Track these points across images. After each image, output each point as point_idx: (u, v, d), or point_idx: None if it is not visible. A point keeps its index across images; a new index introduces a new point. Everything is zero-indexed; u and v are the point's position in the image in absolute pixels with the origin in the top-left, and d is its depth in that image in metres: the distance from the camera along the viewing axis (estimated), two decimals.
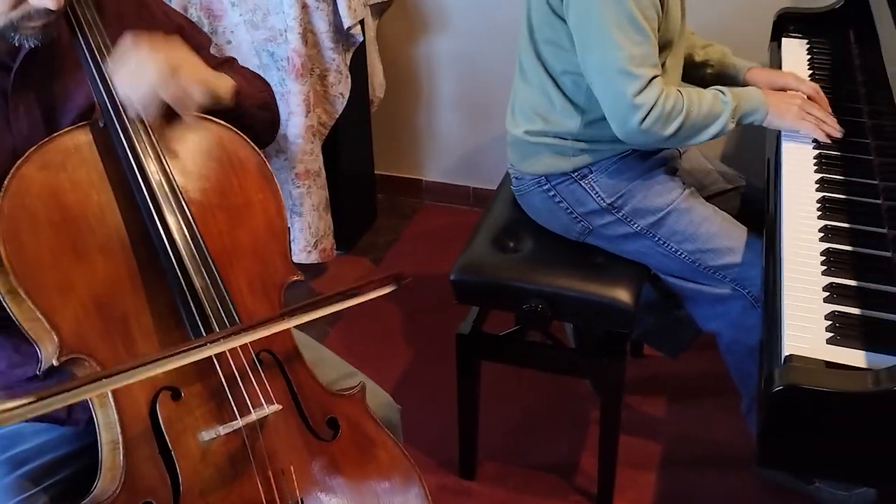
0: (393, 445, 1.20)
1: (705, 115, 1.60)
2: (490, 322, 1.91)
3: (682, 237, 1.70)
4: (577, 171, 1.72)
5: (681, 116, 1.57)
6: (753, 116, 1.65)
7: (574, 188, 1.73)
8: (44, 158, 1.05)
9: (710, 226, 1.70)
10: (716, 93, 1.62)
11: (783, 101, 1.67)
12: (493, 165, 2.68)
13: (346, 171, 2.71)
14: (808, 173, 1.56)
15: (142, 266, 1.07)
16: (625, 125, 1.58)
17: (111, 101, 1.08)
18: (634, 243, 1.74)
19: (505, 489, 1.96)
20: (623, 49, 1.53)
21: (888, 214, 1.38)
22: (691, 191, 1.75)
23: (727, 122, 1.61)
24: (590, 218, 1.74)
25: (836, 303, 1.22)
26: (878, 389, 1.03)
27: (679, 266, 1.72)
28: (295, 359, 1.16)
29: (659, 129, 1.57)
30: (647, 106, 1.55)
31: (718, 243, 1.68)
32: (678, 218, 1.70)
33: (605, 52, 1.55)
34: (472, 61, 2.76)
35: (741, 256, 1.67)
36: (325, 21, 2.33)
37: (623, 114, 1.57)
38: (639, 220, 1.71)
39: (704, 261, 1.69)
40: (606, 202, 1.72)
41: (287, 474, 1.09)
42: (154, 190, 1.07)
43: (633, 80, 1.54)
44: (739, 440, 2.00)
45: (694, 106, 1.58)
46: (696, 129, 1.60)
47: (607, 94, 1.58)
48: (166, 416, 1.05)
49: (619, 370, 1.76)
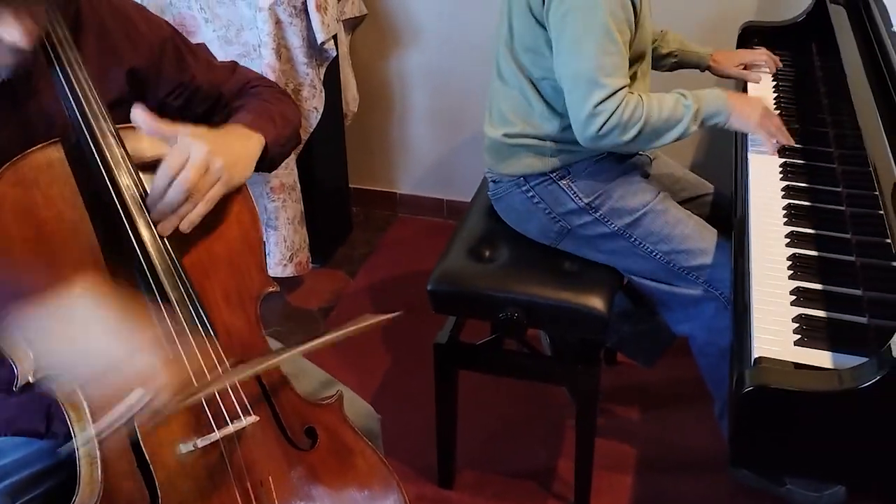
0: (371, 453, 1.21)
1: (665, 119, 1.63)
2: (466, 332, 1.93)
3: (658, 238, 1.73)
4: (556, 172, 1.75)
5: (639, 123, 1.60)
6: (716, 119, 1.68)
7: (552, 188, 1.76)
8: (16, 175, 1.05)
9: (684, 228, 1.73)
10: (678, 97, 1.66)
11: (746, 105, 1.70)
12: (466, 177, 2.70)
13: (321, 184, 2.72)
14: (773, 181, 1.60)
15: (116, 281, 1.07)
16: (584, 131, 1.62)
17: (83, 117, 1.08)
18: (611, 243, 1.76)
19: (483, 497, 1.97)
20: (595, 58, 1.57)
21: (852, 220, 1.42)
22: (665, 194, 1.78)
23: (689, 124, 1.64)
24: (568, 218, 1.77)
25: (802, 306, 1.25)
26: (844, 388, 1.06)
27: (653, 267, 1.75)
28: (272, 370, 1.17)
29: (617, 136, 1.61)
30: (605, 114, 1.58)
31: (692, 244, 1.72)
32: (654, 219, 1.73)
33: (578, 60, 1.59)
34: (444, 75, 2.78)
35: (712, 258, 1.71)
36: (299, 36, 2.34)
37: (583, 120, 1.61)
38: (616, 220, 1.74)
39: (678, 261, 1.72)
40: (584, 202, 1.74)
41: (265, 485, 1.10)
42: (127, 204, 1.07)
43: (599, 89, 1.58)
44: (713, 444, 2.03)
45: (654, 111, 1.62)
46: (658, 133, 1.64)
47: (573, 100, 1.62)
48: (144, 430, 1.04)
49: (593, 376, 1.78)
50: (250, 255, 1.19)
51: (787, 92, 1.93)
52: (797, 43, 2.12)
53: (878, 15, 1.63)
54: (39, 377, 0.97)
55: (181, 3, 2.31)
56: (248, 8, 2.28)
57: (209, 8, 2.30)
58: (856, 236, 1.37)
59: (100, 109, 1.08)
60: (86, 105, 1.08)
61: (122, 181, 1.08)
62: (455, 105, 2.80)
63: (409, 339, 2.42)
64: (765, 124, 1.68)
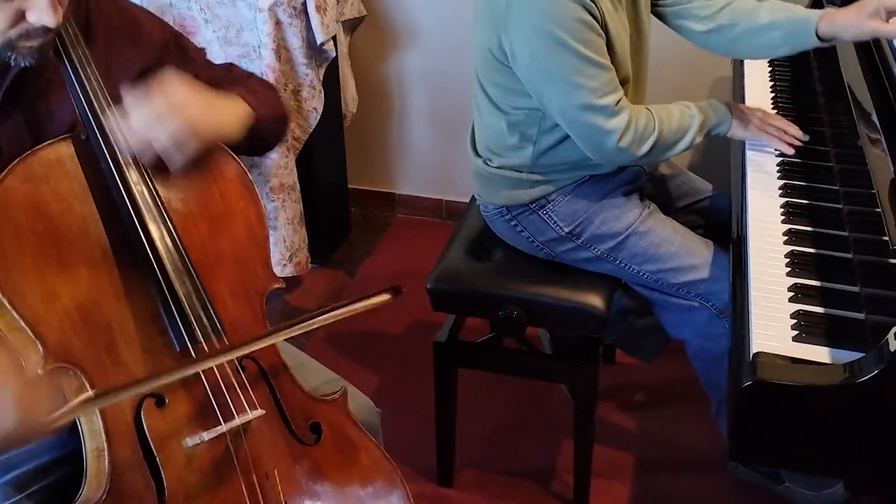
0: (375, 449, 1.22)
1: (675, 130, 1.63)
2: (465, 331, 1.94)
3: (643, 259, 1.72)
4: (535, 202, 1.74)
5: (654, 135, 1.60)
6: (719, 128, 1.69)
7: (533, 218, 1.75)
8: (27, 171, 1.06)
9: (670, 246, 1.71)
10: (683, 108, 1.65)
11: (746, 112, 1.71)
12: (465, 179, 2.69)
13: (320, 184, 2.73)
14: (772, 180, 1.61)
15: (125, 275, 1.08)
16: (600, 150, 1.60)
17: (93, 114, 1.09)
18: (597, 266, 1.77)
19: (483, 496, 1.98)
20: (582, 87, 1.53)
21: (849, 218, 1.44)
22: (650, 211, 1.76)
23: (695, 135, 1.65)
24: (551, 245, 1.77)
25: (800, 302, 1.27)
26: (841, 383, 1.08)
27: (643, 283, 1.76)
28: (277, 365, 1.18)
29: (635, 149, 1.59)
30: (620, 129, 1.56)
31: (680, 262, 1.70)
32: (637, 240, 1.71)
33: (566, 97, 1.56)
34: (443, 76, 2.80)
35: (704, 272, 1.69)
36: (299, 37, 2.36)
37: (598, 141, 1.59)
38: (599, 245, 1.73)
39: (667, 279, 1.72)
40: (565, 231, 1.73)
41: (271, 478, 1.11)
42: (136, 200, 1.09)
43: (598, 110, 1.55)
44: (711, 443, 2.04)
45: (665, 123, 1.61)
46: (668, 145, 1.63)
47: (578, 131, 1.60)
48: (151, 423, 1.06)
49: (592, 374, 1.79)
50: (256, 252, 1.20)
51: (785, 92, 1.95)
52: None
53: None
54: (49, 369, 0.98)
55: (181, 4, 2.32)
56: (247, 9, 2.29)
57: (209, 9, 2.31)
58: (853, 234, 1.39)
59: (108, 106, 1.10)
60: (95, 101, 1.10)
61: (131, 177, 1.09)
62: (454, 106, 2.81)
63: (407, 339, 2.44)
64: (766, 128, 1.68)
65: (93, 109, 1.09)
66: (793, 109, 1.88)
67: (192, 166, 1.11)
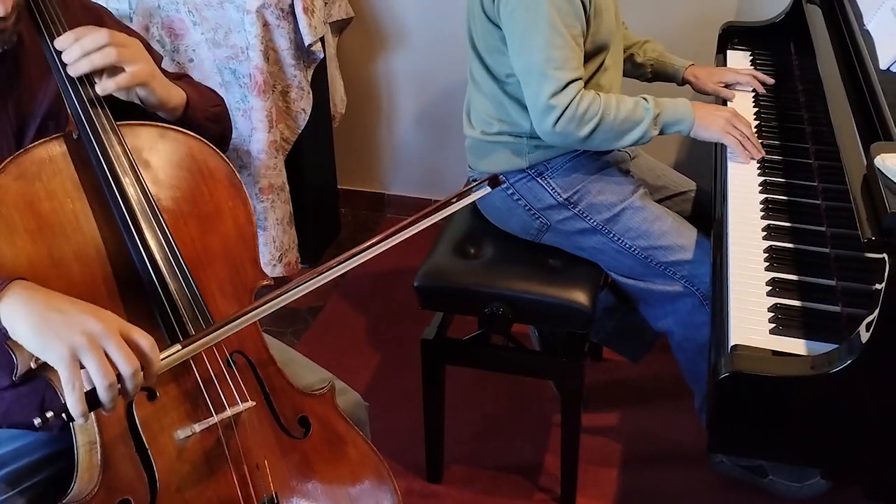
0: (363, 443, 1.24)
1: (623, 119, 1.67)
2: (453, 328, 1.96)
3: (636, 233, 1.77)
4: (534, 168, 1.79)
5: (595, 119, 1.64)
6: (678, 126, 1.72)
7: (531, 185, 1.80)
8: (19, 169, 1.08)
9: (662, 224, 1.77)
10: (638, 100, 1.70)
11: (711, 113, 1.73)
12: (453, 178, 2.74)
13: (310, 185, 2.75)
14: (752, 177, 1.65)
15: (117, 271, 1.10)
16: (540, 124, 1.67)
17: (84, 112, 1.11)
18: (590, 239, 1.80)
19: (471, 491, 2.00)
20: (542, 51, 1.62)
21: (827, 214, 1.47)
22: (644, 191, 1.82)
23: (648, 128, 1.68)
24: (547, 213, 1.81)
25: (778, 296, 1.30)
26: (816, 374, 1.11)
27: (632, 262, 1.79)
28: (266, 359, 1.20)
29: (573, 130, 1.65)
30: (560, 108, 1.63)
31: (670, 240, 1.76)
32: (632, 215, 1.77)
33: (528, 55, 1.64)
34: (431, 76, 2.82)
35: (691, 254, 1.75)
36: (287, 38, 2.38)
37: (539, 113, 1.66)
38: (594, 216, 1.78)
39: (656, 257, 1.76)
40: (563, 197, 1.78)
41: (261, 469, 1.13)
42: (128, 198, 1.10)
43: (549, 81, 1.62)
44: (696, 438, 2.07)
45: (611, 110, 1.66)
46: (615, 133, 1.68)
47: (528, 94, 1.67)
48: (143, 416, 1.08)
49: (578, 370, 1.82)
50: (245, 250, 1.22)
51: (767, 90, 1.98)
52: (776, 43, 2.17)
53: (851, 13, 1.68)
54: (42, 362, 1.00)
55: (170, 7, 2.34)
56: (235, 11, 2.31)
57: (197, 11, 2.33)
58: (830, 229, 1.42)
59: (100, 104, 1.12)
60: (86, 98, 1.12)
61: (123, 176, 1.11)
62: (441, 106, 2.84)
63: (396, 337, 2.46)
64: (731, 131, 1.70)
65: (84, 107, 1.11)
66: (774, 108, 1.91)
67: (172, 157, 1.14)
